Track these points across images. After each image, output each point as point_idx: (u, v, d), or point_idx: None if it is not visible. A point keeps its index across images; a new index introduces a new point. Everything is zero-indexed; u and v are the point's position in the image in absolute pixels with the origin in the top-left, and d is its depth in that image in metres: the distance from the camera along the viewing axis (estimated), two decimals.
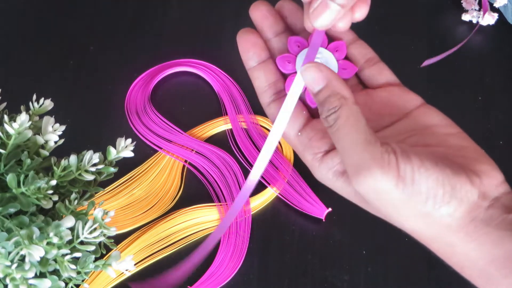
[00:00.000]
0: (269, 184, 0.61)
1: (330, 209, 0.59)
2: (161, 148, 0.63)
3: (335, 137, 0.32)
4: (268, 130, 0.65)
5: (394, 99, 0.36)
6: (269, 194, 0.61)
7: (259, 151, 0.63)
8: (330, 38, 0.39)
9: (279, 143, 0.64)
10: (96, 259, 0.42)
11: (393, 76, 0.37)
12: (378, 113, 0.36)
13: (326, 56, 0.39)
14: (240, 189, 0.61)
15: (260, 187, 0.61)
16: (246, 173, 0.62)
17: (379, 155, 0.29)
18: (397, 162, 0.29)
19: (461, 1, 0.72)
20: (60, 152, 0.45)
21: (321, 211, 0.59)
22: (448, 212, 0.29)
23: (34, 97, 0.46)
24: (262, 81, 0.37)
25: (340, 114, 0.32)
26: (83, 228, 0.41)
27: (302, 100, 0.37)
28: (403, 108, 0.35)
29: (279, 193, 0.60)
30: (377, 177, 0.29)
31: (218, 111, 0.66)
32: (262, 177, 0.61)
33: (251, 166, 0.62)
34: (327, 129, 0.33)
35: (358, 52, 0.38)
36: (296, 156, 0.63)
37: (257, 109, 0.66)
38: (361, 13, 0.34)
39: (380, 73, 0.37)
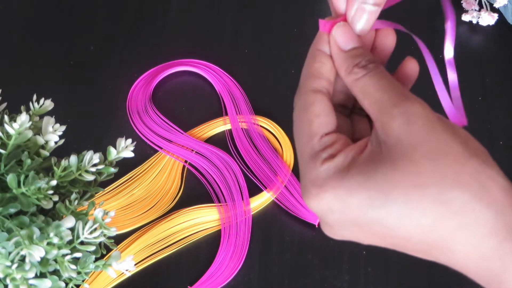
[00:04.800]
0: (265, 188, 0.61)
1: None
2: (161, 148, 0.64)
3: (361, 85, 0.30)
4: (268, 131, 0.65)
5: None
6: (267, 197, 0.61)
7: (259, 152, 0.63)
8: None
9: (280, 145, 0.64)
10: (96, 259, 0.42)
11: None
12: None
13: None
14: (240, 189, 0.61)
15: (259, 189, 0.61)
16: (245, 173, 0.62)
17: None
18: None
19: (461, 2, 0.72)
20: (61, 152, 0.45)
21: (314, 217, 0.59)
22: None
23: (35, 97, 0.46)
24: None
25: (373, 66, 0.30)
26: (83, 228, 0.41)
27: None
28: None
29: (275, 198, 0.60)
30: (421, 103, 0.28)
31: (219, 111, 0.66)
32: (259, 180, 0.61)
33: (250, 166, 0.62)
34: (349, 84, 0.31)
35: None
36: (295, 160, 0.63)
37: (258, 109, 0.66)
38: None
39: None
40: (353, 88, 0.31)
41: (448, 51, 0.34)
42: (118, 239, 0.58)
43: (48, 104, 0.47)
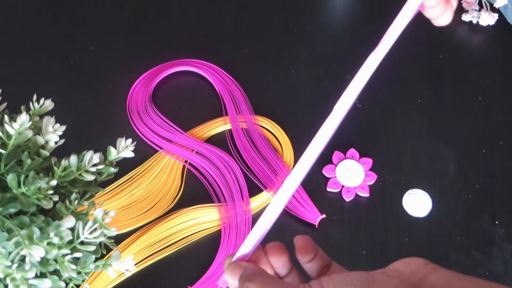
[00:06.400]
0: (265, 188, 0.61)
1: (324, 215, 0.59)
2: (161, 148, 0.64)
3: None
4: (268, 131, 0.65)
5: None
6: (267, 197, 0.61)
7: (259, 152, 0.63)
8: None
9: (280, 145, 0.64)
10: (96, 259, 0.42)
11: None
12: None
13: (355, 166, 0.62)
14: (240, 189, 0.61)
15: (259, 189, 0.61)
16: (245, 173, 0.62)
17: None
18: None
19: (461, 2, 0.72)
20: (61, 152, 0.45)
21: (315, 217, 0.59)
22: None
23: (35, 97, 0.46)
24: None
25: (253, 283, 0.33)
26: (83, 228, 0.41)
27: None
28: None
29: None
30: None
31: (219, 111, 0.66)
32: (259, 180, 0.61)
33: (249, 166, 0.62)
34: None
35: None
36: (295, 160, 0.63)
37: (258, 109, 0.66)
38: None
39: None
40: None
41: None
42: (118, 239, 0.58)
43: (48, 104, 0.47)
